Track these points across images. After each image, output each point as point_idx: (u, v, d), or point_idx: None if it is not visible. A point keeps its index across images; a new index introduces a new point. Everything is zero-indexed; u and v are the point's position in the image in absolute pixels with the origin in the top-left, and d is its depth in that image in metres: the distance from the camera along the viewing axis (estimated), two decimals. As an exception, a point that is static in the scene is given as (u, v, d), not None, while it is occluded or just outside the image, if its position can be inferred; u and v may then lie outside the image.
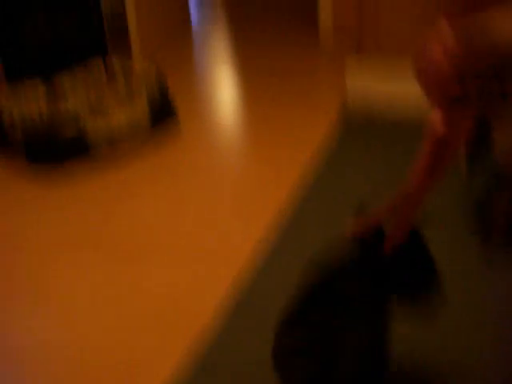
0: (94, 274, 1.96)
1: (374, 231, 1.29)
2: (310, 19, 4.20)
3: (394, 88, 3.01)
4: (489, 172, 2.28)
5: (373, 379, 1.26)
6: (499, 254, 1.89)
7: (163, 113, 2.89)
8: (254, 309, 1.75)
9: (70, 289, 1.90)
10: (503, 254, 1.89)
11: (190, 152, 2.62)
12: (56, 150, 2.59)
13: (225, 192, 2.31)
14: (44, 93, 2.84)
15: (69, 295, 1.87)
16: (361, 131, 2.75)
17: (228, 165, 2.50)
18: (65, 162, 2.57)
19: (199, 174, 2.44)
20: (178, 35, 4.11)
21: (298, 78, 3.30)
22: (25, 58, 3.20)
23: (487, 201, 2.12)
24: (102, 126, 2.70)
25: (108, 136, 2.67)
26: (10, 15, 3.08)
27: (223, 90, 3.26)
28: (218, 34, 4.18)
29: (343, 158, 2.51)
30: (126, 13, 3.49)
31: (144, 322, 1.74)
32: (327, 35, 3.95)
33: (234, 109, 3.03)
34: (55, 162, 2.58)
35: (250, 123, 2.86)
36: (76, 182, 2.48)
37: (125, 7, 3.48)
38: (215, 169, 2.48)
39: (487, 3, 0.91)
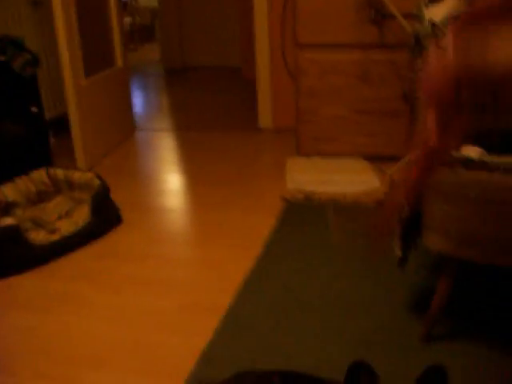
0: None
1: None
2: (252, 118, 4.47)
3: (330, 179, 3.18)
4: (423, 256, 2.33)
5: None
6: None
7: (107, 222, 2.84)
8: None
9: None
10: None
11: (133, 260, 2.54)
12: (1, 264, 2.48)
13: (169, 301, 2.21)
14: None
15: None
16: (301, 218, 2.85)
17: (173, 272, 2.42)
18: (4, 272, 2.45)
19: (142, 283, 2.35)
20: (122, 142, 4.17)
21: (243, 181, 3.39)
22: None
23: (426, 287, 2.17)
24: (46, 239, 2.62)
25: (52, 248, 2.58)
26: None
27: (168, 197, 3.26)
28: (162, 140, 4.29)
29: (284, 247, 2.55)
30: (70, 123, 3.52)
31: None
32: (267, 135, 4.21)
33: (179, 215, 3.01)
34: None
35: (194, 229, 2.85)
36: (12, 284, 2.35)
37: (68, 117, 3.52)
38: (159, 277, 2.39)
39: (493, 19, 0.95)
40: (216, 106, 5.27)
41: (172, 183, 3.49)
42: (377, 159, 3.51)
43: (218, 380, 1.12)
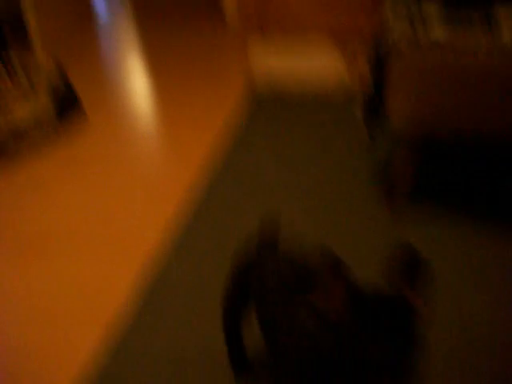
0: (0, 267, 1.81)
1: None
2: (216, 6, 4.31)
3: (295, 63, 3.12)
4: (386, 135, 2.37)
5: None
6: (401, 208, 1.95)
7: (67, 104, 2.77)
8: (166, 290, 1.67)
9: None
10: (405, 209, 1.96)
11: (97, 141, 2.51)
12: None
13: (135, 179, 2.22)
14: None
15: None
16: (267, 106, 2.82)
17: (137, 151, 2.41)
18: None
19: (107, 163, 2.33)
20: (83, 29, 4.00)
21: (205, 61, 3.36)
22: None
23: (388, 162, 2.22)
24: (5, 121, 2.54)
25: (12, 131, 2.52)
26: None
27: (130, 78, 3.18)
28: (124, 25, 4.12)
29: (251, 134, 2.53)
30: (25, 6, 3.33)
31: (54, 314, 1.62)
32: (232, 19, 4.06)
33: (142, 95, 2.96)
34: None
35: (158, 108, 2.81)
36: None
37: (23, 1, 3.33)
38: (124, 156, 2.38)
39: None
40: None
41: (133, 63, 3.40)
42: (340, 34, 3.45)
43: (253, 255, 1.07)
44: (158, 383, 1.38)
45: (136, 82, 3.18)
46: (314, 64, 3.16)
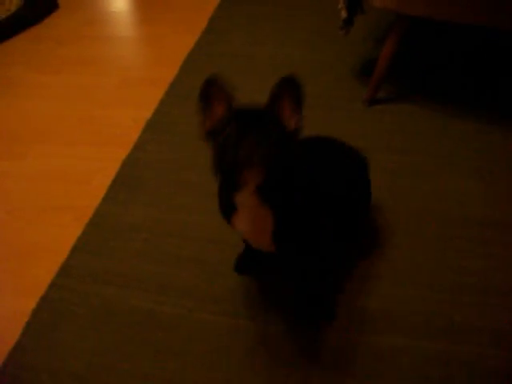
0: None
1: None
2: None
3: None
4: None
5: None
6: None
7: (42, 6, 2.66)
8: (142, 185, 1.67)
9: None
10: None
11: (72, 41, 2.42)
12: None
13: (111, 77, 2.16)
14: None
15: None
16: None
17: (114, 51, 2.33)
18: None
19: (82, 62, 2.26)
20: None
21: None
22: None
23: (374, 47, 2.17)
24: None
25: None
26: None
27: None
28: None
29: (228, 24, 2.44)
30: None
31: (36, 211, 1.62)
32: None
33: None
34: None
35: (135, 6, 2.71)
36: None
37: None
38: (100, 56, 2.30)
39: None
40: None
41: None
42: None
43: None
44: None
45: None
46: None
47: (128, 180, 1.66)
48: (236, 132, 0.92)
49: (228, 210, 1.10)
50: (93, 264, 1.41)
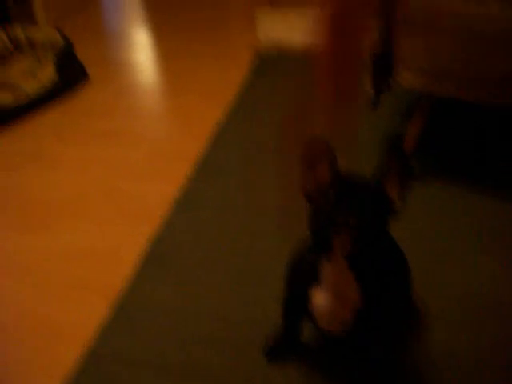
0: (2, 241, 1.80)
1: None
2: None
3: (302, 30, 3.06)
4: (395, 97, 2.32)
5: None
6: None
7: (73, 79, 2.74)
8: (170, 263, 1.66)
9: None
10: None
11: (101, 114, 2.48)
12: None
13: (139, 151, 2.19)
14: None
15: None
16: (272, 70, 2.77)
17: (142, 124, 2.38)
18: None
19: (111, 136, 2.31)
20: (86, 3, 3.96)
21: (211, 30, 3.29)
22: None
23: (399, 127, 2.17)
24: (13, 98, 2.53)
25: (18, 109, 2.50)
26: None
27: (135, 50, 3.13)
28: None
29: (257, 97, 2.49)
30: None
31: (63, 289, 1.61)
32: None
33: (147, 67, 2.92)
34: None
35: (163, 80, 2.78)
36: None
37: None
38: (128, 129, 2.35)
39: None
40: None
41: (139, 37, 3.34)
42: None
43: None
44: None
45: (140, 52, 3.14)
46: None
47: (156, 258, 1.65)
48: (336, 197, 0.92)
49: (308, 279, 1.06)
50: (119, 344, 1.39)
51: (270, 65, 2.83)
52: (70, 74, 2.72)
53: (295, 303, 1.16)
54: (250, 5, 3.62)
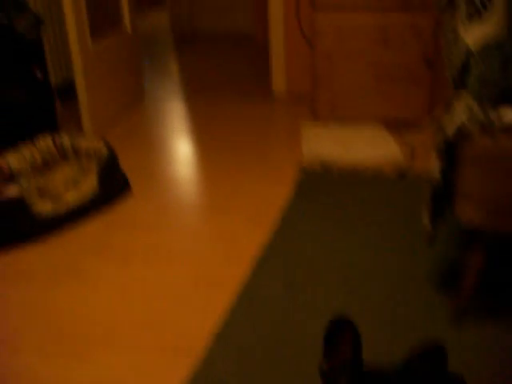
0: (34, 372, 1.68)
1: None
2: (265, 85, 4.33)
3: (348, 148, 3.01)
4: (453, 228, 2.21)
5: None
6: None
7: (115, 193, 2.72)
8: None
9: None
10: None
11: (142, 230, 2.42)
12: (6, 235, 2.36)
13: (179, 274, 2.10)
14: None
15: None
16: (317, 188, 2.73)
17: (184, 244, 2.30)
18: (8, 245, 2.35)
19: (151, 255, 2.23)
20: (131, 110, 4.03)
21: (254, 144, 3.27)
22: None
23: (459, 260, 2.03)
24: (53, 210, 2.50)
25: (58, 220, 2.47)
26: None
27: (178, 165, 3.11)
28: (172, 108, 4.11)
29: (300, 216, 2.36)
30: (77, 89, 3.38)
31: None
32: (281, 101, 4.08)
33: (190, 184, 2.87)
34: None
35: (206, 198, 2.70)
36: (16, 257, 2.25)
37: (75, 83, 3.37)
38: (169, 248, 2.27)
39: None
40: (228, 73, 5.10)
41: (183, 151, 3.34)
42: (396, 126, 3.37)
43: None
44: None
45: (183, 166, 3.12)
46: (368, 150, 3.06)
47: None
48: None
49: None
50: None
51: (315, 181, 2.78)
52: (113, 186, 2.70)
53: None
54: (295, 120, 3.64)
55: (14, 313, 1.92)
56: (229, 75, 5.02)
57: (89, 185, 2.68)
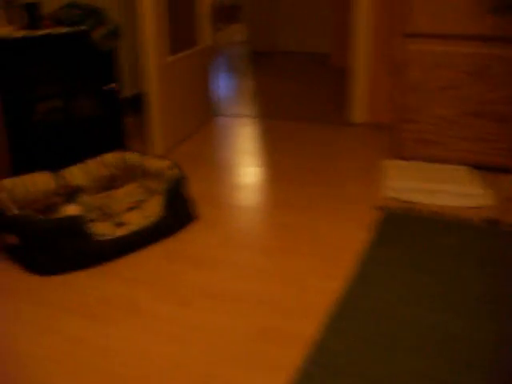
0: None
1: None
2: (342, 110, 4.10)
3: (433, 192, 2.74)
4: None
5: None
6: None
7: (181, 217, 2.55)
8: None
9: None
10: None
11: (205, 266, 2.23)
12: (58, 258, 2.22)
13: (240, 323, 1.89)
14: (52, 191, 2.54)
15: None
16: (399, 232, 2.45)
17: (248, 286, 2.09)
18: (60, 267, 2.21)
19: (212, 296, 2.04)
20: (201, 127, 3.89)
21: (331, 182, 3.00)
22: (36, 148, 2.93)
23: None
24: (112, 232, 2.35)
25: (116, 244, 2.31)
26: (23, 102, 2.84)
27: (247, 192, 2.92)
28: (244, 128, 3.94)
29: (381, 265, 2.10)
30: (149, 104, 3.25)
31: None
32: (360, 134, 3.82)
33: (258, 215, 2.66)
34: (55, 271, 2.22)
35: (274, 233, 2.48)
36: (67, 283, 2.11)
37: (147, 100, 3.25)
38: (232, 289, 2.07)
39: None
40: (303, 94, 4.91)
41: (252, 177, 3.15)
42: (487, 170, 3.07)
43: None
44: None
45: (252, 196, 2.93)
46: (455, 194, 2.78)
47: None
48: None
49: None
50: None
51: (396, 225, 2.52)
52: (179, 213, 2.53)
53: None
54: (374, 153, 3.40)
55: (56, 346, 1.76)
56: (304, 96, 4.82)
57: (153, 208, 2.52)
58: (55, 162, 2.73)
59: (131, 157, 2.80)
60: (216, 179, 3.08)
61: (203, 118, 4.01)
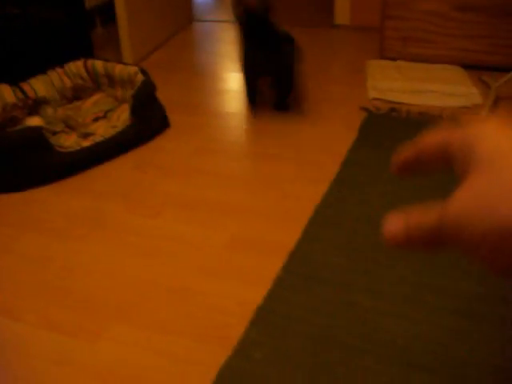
0: (34, 345, 1.42)
1: None
2: (325, 18, 3.85)
3: (421, 95, 2.55)
4: None
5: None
6: None
7: (151, 125, 2.37)
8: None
9: None
10: None
11: (178, 174, 2.09)
12: (19, 173, 2.05)
13: (217, 233, 1.77)
14: (11, 104, 2.34)
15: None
16: (383, 133, 2.29)
17: (224, 195, 1.96)
18: (21, 182, 2.05)
19: (186, 205, 1.91)
20: (177, 34, 3.64)
21: (315, 84, 2.81)
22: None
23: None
24: (77, 144, 2.18)
25: (82, 156, 2.14)
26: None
27: (226, 98, 2.73)
28: (223, 33, 3.69)
29: (363, 166, 1.98)
30: (117, 11, 3.00)
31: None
32: (345, 35, 3.58)
33: (237, 121, 2.47)
34: (16, 187, 2.06)
35: (254, 138, 2.32)
36: (28, 199, 1.96)
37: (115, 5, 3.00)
38: (207, 199, 1.93)
39: None
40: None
41: (231, 83, 2.94)
42: (478, 68, 2.89)
43: None
44: None
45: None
46: (442, 94, 2.61)
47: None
48: None
49: None
50: None
51: (379, 127, 2.37)
52: (148, 120, 2.35)
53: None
54: (359, 55, 3.19)
55: (18, 269, 1.64)
56: (287, 1, 4.53)
57: (121, 117, 2.35)
58: (14, 74, 2.51)
59: (95, 64, 2.59)
60: (192, 86, 2.88)
61: (180, 23, 3.74)
